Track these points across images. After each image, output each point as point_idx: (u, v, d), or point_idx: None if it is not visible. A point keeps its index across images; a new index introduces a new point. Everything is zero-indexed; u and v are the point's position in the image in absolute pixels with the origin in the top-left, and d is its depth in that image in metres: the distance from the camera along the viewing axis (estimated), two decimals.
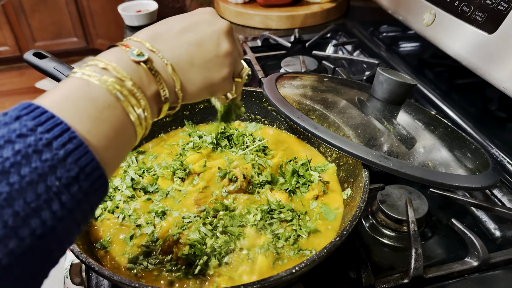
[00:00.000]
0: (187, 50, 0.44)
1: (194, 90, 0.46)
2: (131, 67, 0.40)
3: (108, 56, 0.40)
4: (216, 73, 0.47)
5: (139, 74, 0.40)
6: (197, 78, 0.45)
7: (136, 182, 0.72)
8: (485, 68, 0.79)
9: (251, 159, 0.77)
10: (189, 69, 0.44)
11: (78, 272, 0.65)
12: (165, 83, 0.42)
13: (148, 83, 0.41)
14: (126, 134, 0.38)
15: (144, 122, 0.40)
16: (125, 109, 0.37)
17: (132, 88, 0.38)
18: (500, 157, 0.87)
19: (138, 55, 0.40)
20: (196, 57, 0.45)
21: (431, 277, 0.62)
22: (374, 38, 1.37)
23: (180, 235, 0.62)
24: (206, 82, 0.46)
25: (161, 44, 0.43)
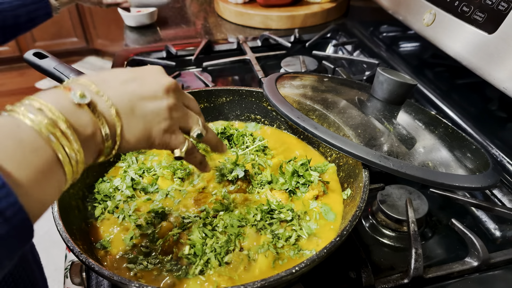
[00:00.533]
0: (130, 98, 0.44)
1: (131, 138, 0.45)
2: (68, 109, 0.39)
3: (45, 97, 0.38)
4: (155, 125, 0.47)
5: (77, 116, 0.39)
6: (137, 128, 0.45)
7: (136, 182, 0.72)
8: (485, 68, 0.79)
9: (251, 159, 0.77)
10: (130, 117, 0.44)
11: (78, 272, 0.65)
12: (107, 125, 0.42)
13: (85, 126, 0.40)
14: (55, 177, 0.37)
15: (76, 165, 0.38)
16: (55, 152, 0.36)
17: (66, 130, 0.37)
18: (500, 157, 0.87)
19: (81, 97, 0.40)
20: (137, 107, 0.45)
21: (431, 277, 0.62)
22: (374, 38, 1.37)
23: (180, 235, 0.62)
24: (144, 133, 0.46)
25: (106, 89, 0.43)
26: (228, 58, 1.25)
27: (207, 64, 1.23)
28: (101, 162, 0.76)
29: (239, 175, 0.71)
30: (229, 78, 1.28)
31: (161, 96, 0.47)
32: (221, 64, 1.25)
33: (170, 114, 0.48)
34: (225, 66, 1.27)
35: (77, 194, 0.67)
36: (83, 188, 0.70)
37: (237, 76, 1.29)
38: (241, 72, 1.28)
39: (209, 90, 0.87)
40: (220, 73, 1.27)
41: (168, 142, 0.50)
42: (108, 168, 0.77)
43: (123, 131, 0.44)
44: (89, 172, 0.72)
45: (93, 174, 0.73)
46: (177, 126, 0.50)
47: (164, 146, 0.50)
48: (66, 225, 0.55)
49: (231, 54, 1.31)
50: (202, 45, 1.30)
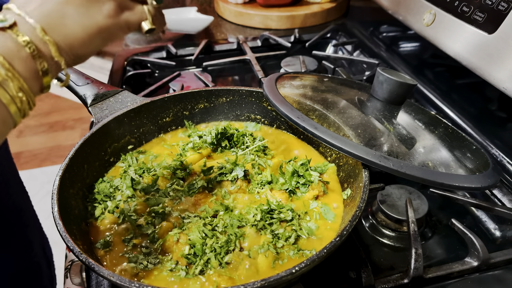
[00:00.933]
0: (55, 2, 0.39)
1: (78, 44, 0.40)
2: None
3: None
4: (96, 14, 0.41)
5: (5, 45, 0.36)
6: (76, 30, 0.40)
7: (137, 183, 0.72)
8: (485, 68, 0.79)
9: (251, 159, 0.77)
10: (62, 24, 0.39)
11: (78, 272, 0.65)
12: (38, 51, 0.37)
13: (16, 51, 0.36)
14: None
15: (18, 100, 0.35)
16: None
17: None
18: (500, 157, 0.87)
19: (3, 20, 0.36)
20: (65, 6, 0.39)
21: (431, 277, 0.62)
22: (374, 38, 1.37)
23: (180, 235, 0.62)
24: (88, 30, 0.40)
25: (29, 5, 0.38)
26: (228, 58, 1.25)
27: (207, 64, 1.23)
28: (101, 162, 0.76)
29: (239, 175, 0.71)
30: (229, 78, 1.28)
31: None
32: (221, 64, 1.25)
33: None
34: (225, 66, 1.27)
35: (77, 194, 0.67)
36: (83, 188, 0.70)
37: (237, 76, 1.29)
38: (241, 72, 1.28)
39: (209, 90, 0.87)
40: (220, 73, 1.27)
41: (127, 22, 0.44)
42: (108, 168, 0.77)
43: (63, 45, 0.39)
44: (89, 172, 0.72)
45: (93, 174, 0.73)
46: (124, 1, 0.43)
47: (126, 29, 0.44)
48: (66, 225, 0.55)
49: (231, 54, 1.31)
50: (202, 45, 1.30)
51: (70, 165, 0.65)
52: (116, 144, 0.78)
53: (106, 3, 0.41)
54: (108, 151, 0.77)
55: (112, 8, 0.42)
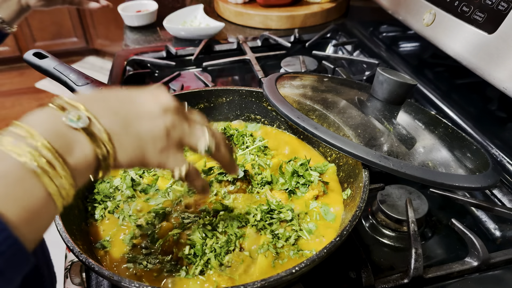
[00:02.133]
0: (124, 117, 0.42)
1: (124, 158, 0.42)
2: (57, 133, 0.37)
3: (33, 120, 0.36)
4: (150, 145, 0.43)
5: (67, 140, 0.37)
6: (130, 148, 0.42)
7: (137, 184, 0.72)
8: (485, 68, 0.79)
9: (251, 159, 0.77)
10: (123, 137, 0.41)
11: (78, 272, 0.65)
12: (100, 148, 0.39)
13: (75, 149, 0.37)
14: (45, 207, 0.35)
15: (65, 192, 0.36)
16: (42, 182, 0.34)
17: (51, 157, 0.35)
18: (500, 157, 0.87)
19: (78, 119, 0.37)
20: (131, 126, 0.42)
21: (431, 277, 0.62)
22: (374, 38, 1.37)
23: (180, 235, 0.62)
24: (138, 153, 0.43)
25: (101, 107, 0.41)
26: (228, 58, 1.25)
27: (207, 64, 1.23)
28: None
29: (239, 175, 0.71)
30: (229, 78, 1.28)
31: (158, 114, 0.44)
32: (221, 64, 1.25)
33: (168, 134, 0.45)
34: (225, 66, 1.27)
35: (77, 194, 0.67)
36: (83, 188, 0.70)
37: (237, 76, 1.29)
38: (241, 72, 1.28)
39: (209, 90, 0.87)
40: (220, 73, 1.27)
41: (164, 163, 0.46)
42: None
43: (116, 153, 0.41)
44: None
45: None
46: (174, 145, 0.46)
47: (160, 166, 0.46)
48: (66, 225, 0.55)
49: (231, 54, 1.31)
50: (202, 45, 1.30)
51: None
52: None
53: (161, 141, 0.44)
54: None
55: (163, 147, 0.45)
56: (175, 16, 1.49)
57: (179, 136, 0.46)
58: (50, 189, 0.35)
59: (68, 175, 0.37)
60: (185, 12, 1.52)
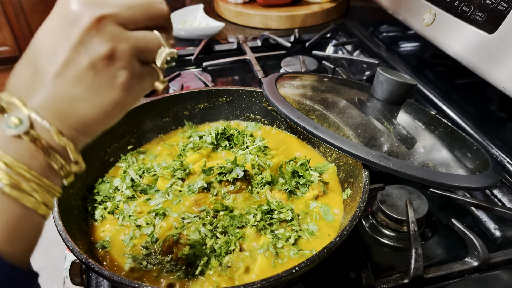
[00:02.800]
0: (62, 87, 0.34)
1: (93, 123, 0.36)
2: (6, 142, 0.32)
3: None
4: (109, 90, 0.35)
5: (19, 148, 0.33)
6: (90, 112, 0.35)
7: (137, 185, 0.72)
8: (485, 68, 0.79)
9: (251, 159, 0.77)
10: (73, 108, 0.34)
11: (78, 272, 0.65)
12: (56, 153, 0.34)
13: (34, 156, 0.33)
14: (27, 222, 0.33)
15: (41, 204, 0.34)
16: (15, 199, 0.32)
17: (13, 173, 0.32)
18: (500, 157, 0.87)
19: (16, 125, 0.32)
20: (74, 89, 0.34)
21: (431, 277, 0.62)
22: (374, 38, 1.37)
23: (180, 236, 0.62)
24: (103, 108, 0.36)
25: (34, 96, 0.34)
26: (228, 58, 1.25)
27: (207, 64, 1.22)
28: (101, 163, 0.76)
29: (239, 175, 0.71)
30: (229, 78, 1.28)
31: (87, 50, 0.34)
32: (221, 64, 1.25)
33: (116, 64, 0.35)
34: (225, 66, 1.27)
35: (77, 195, 0.67)
36: (83, 189, 0.70)
37: (237, 76, 1.29)
38: (241, 72, 1.28)
39: (209, 90, 0.87)
40: (220, 73, 1.27)
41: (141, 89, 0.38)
42: (108, 168, 0.77)
43: (75, 126, 0.35)
44: (89, 172, 0.72)
45: (93, 174, 0.73)
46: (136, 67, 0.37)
47: (138, 94, 0.39)
48: (66, 225, 0.55)
49: (231, 54, 1.31)
50: (202, 45, 1.30)
51: None
52: (116, 144, 0.78)
53: (118, 76, 0.35)
54: (108, 151, 0.77)
55: (126, 80, 0.36)
56: (175, 16, 1.49)
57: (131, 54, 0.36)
58: (30, 204, 0.33)
59: (43, 183, 0.34)
60: (185, 12, 1.52)
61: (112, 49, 0.34)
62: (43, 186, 0.34)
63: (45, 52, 0.34)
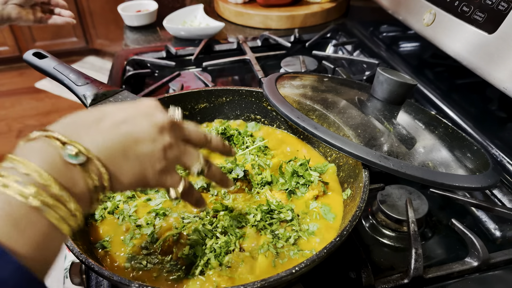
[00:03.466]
0: (121, 141, 0.41)
1: (124, 182, 0.42)
2: (59, 166, 0.36)
3: (32, 155, 0.36)
4: (149, 167, 0.44)
5: (68, 174, 0.37)
6: (129, 171, 0.42)
7: None
8: (485, 68, 0.79)
9: (251, 159, 0.77)
10: (121, 161, 0.41)
11: (78, 272, 0.65)
12: (96, 176, 0.39)
13: (77, 182, 0.37)
14: (55, 240, 0.35)
15: (75, 222, 0.37)
16: (49, 220, 0.34)
17: (59, 193, 0.35)
18: (500, 157, 0.87)
19: (76, 156, 0.37)
20: (130, 150, 0.42)
21: (431, 277, 0.62)
22: (374, 38, 1.37)
23: (180, 235, 0.62)
24: (138, 176, 0.43)
25: (95, 135, 0.40)
26: (228, 58, 1.25)
27: (207, 64, 1.22)
28: None
29: (239, 175, 0.71)
30: (229, 78, 1.28)
31: (155, 136, 0.44)
32: (221, 64, 1.25)
33: (165, 155, 0.45)
34: (225, 66, 1.27)
35: None
36: None
37: (237, 76, 1.29)
38: (241, 72, 1.28)
39: (209, 90, 0.87)
40: (220, 73, 1.27)
41: (163, 183, 0.47)
42: None
43: (113, 176, 0.41)
44: None
45: None
46: (173, 166, 0.47)
47: (159, 186, 0.47)
48: None
49: (231, 54, 1.31)
50: (202, 45, 1.30)
51: None
52: None
53: (160, 162, 0.44)
54: None
55: (162, 168, 0.45)
56: (175, 16, 1.49)
57: (176, 156, 0.47)
58: (58, 223, 0.35)
59: (77, 206, 0.37)
60: (185, 12, 1.52)
61: (169, 145, 0.45)
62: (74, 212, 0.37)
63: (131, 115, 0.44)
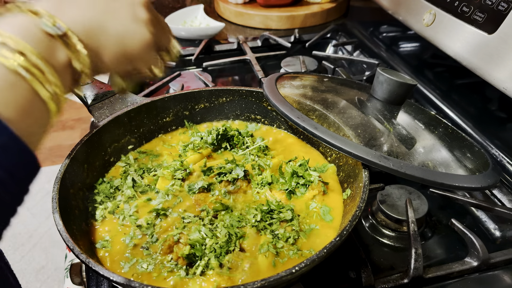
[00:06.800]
0: (100, 14, 0.41)
1: (110, 58, 0.42)
2: (36, 37, 0.36)
3: (9, 25, 0.36)
4: (133, 39, 0.43)
5: (45, 44, 0.37)
6: (112, 45, 0.42)
7: (138, 186, 0.72)
8: (485, 68, 0.79)
9: (251, 159, 0.77)
10: (102, 34, 0.41)
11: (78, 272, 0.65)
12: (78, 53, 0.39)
13: (55, 53, 0.37)
14: (38, 111, 0.36)
15: (55, 96, 0.37)
16: (31, 86, 0.35)
17: (37, 61, 0.35)
18: (500, 157, 0.87)
19: (53, 26, 0.37)
20: (109, 22, 0.41)
21: (431, 277, 0.62)
22: (374, 38, 1.37)
23: (180, 235, 0.62)
24: (122, 49, 0.43)
25: (73, 10, 0.40)
26: (228, 58, 1.25)
27: (207, 64, 1.23)
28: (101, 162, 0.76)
29: (239, 175, 0.71)
30: (229, 78, 1.28)
31: (134, 10, 0.43)
32: (221, 64, 1.25)
33: (149, 28, 0.44)
34: (225, 66, 1.27)
35: (77, 194, 0.67)
36: (83, 188, 0.70)
37: (237, 76, 1.29)
38: (241, 72, 1.28)
39: (209, 90, 0.87)
40: (220, 73, 1.27)
41: (147, 59, 0.46)
42: (108, 168, 0.77)
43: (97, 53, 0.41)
44: (89, 172, 0.72)
45: (93, 174, 0.73)
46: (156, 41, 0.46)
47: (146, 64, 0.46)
48: (67, 225, 0.56)
49: (231, 54, 1.31)
50: (202, 45, 1.30)
51: (70, 165, 0.65)
52: (116, 144, 0.78)
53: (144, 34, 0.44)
54: (108, 151, 0.77)
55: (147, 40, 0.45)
56: (175, 16, 1.49)
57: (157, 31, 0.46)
58: (43, 95, 0.36)
59: (57, 79, 0.37)
60: (185, 12, 1.52)
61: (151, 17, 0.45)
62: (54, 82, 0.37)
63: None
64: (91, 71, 0.41)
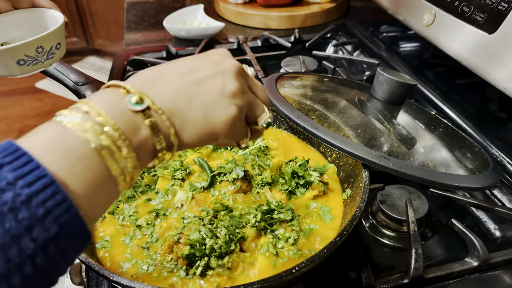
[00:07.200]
0: (187, 89, 0.39)
1: (192, 134, 0.40)
2: (120, 112, 0.36)
3: (97, 98, 0.36)
4: (219, 115, 0.40)
5: (129, 121, 0.36)
6: (196, 121, 0.40)
7: (137, 186, 0.72)
8: (485, 68, 0.79)
9: (251, 159, 0.77)
10: (187, 110, 0.39)
11: (78, 272, 0.65)
12: (161, 132, 0.38)
13: (136, 130, 0.36)
14: (106, 187, 0.34)
15: (128, 174, 0.36)
16: (103, 159, 0.33)
17: (114, 134, 0.34)
18: (500, 157, 0.87)
19: (137, 103, 0.37)
20: (195, 96, 0.39)
21: (431, 277, 0.62)
22: (374, 38, 1.37)
23: (180, 236, 0.62)
24: (207, 125, 0.40)
25: (160, 86, 0.39)
26: None
27: None
28: None
29: (239, 175, 0.71)
30: None
31: (223, 82, 0.41)
32: None
33: (237, 102, 0.41)
34: None
35: None
36: None
37: None
38: None
39: None
40: None
41: (236, 135, 0.44)
42: None
43: (180, 130, 0.39)
44: None
45: None
46: (243, 115, 0.43)
47: (232, 139, 0.44)
48: None
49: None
50: (202, 45, 1.30)
51: None
52: None
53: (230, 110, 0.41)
54: None
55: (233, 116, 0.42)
56: (175, 16, 1.49)
57: (247, 103, 0.44)
58: (114, 171, 0.34)
59: (133, 157, 0.36)
60: (185, 12, 1.52)
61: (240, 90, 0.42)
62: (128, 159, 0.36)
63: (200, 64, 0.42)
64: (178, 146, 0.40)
